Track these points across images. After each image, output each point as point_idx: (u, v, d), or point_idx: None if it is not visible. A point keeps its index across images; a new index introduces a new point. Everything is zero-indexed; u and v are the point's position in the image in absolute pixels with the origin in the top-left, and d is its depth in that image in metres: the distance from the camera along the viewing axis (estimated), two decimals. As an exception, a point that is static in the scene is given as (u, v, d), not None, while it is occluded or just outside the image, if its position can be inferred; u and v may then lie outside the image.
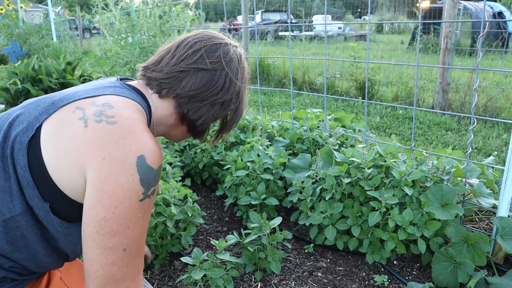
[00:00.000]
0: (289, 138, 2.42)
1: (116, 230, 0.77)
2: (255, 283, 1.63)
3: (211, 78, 0.96)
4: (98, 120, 0.80)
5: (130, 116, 0.84)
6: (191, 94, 0.96)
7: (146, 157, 0.79)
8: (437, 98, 4.67)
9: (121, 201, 0.76)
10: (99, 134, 0.78)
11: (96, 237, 0.76)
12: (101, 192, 0.76)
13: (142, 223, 0.81)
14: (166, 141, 2.51)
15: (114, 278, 0.79)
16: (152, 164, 0.80)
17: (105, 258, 0.77)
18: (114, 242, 0.77)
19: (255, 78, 6.94)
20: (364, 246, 1.73)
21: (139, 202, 0.79)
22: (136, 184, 0.77)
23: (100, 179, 0.76)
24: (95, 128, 0.79)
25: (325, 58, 2.34)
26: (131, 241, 0.79)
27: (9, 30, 6.39)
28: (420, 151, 2.23)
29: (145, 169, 0.79)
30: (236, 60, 1.01)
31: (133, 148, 0.78)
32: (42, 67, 3.71)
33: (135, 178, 0.77)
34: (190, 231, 1.77)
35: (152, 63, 1.00)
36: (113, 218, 0.76)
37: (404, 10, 15.75)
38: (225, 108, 1.01)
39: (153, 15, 3.82)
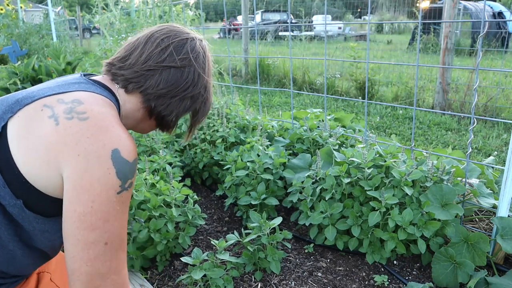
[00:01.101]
0: (289, 138, 2.42)
1: (95, 224, 0.77)
2: (255, 283, 1.63)
3: (180, 75, 0.97)
4: (69, 117, 0.80)
5: (101, 111, 0.84)
6: (162, 92, 0.97)
7: (121, 151, 0.80)
8: (437, 98, 4.67)
9: (98, 195, 0.77)
10: (72, 131, 0.78)
11: (76, 233, 0.77)
12: (78, 188, 0.76)
13: (121, 216, 0.81)
14: (166, 141, 2.51)
15: (99, 273, 0.78)
16: (127, 157, 0.81)
17: (88, 254, 0.77)
18: (95, 236, 0.77)
19: (255, 78, 6.95)
20: (364, 246, 1.73)
21: (117, 195, 0.79)
22: (113, 177, 0.78)
23: (77, 175, 0.76)
24: (66, 125, 0.79)
25: (325, 58, 2.34)
26: (111, 234, 0.79)
27: (9, 30, 6.39)
28: (420, 151, 2.23)
29: (120, 162, 0.79)
30: (202, 54, 1.01)
31: (107, 143, 0.79)
32: (42, 67, 3.71)
33: (111, 172, 0.78)
34: (188, 231, 1.77)
35: (119, 59, 0.99)
36: (91, 212, 0.76)
37: (404, 10, 15.75)
38: (195, 101, 1.02)
39: (153, 15, 3.82)
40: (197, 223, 1.83)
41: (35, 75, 3.71)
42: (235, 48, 11.51)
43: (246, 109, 2.66)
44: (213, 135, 2.46)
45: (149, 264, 1.74)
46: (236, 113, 2.59)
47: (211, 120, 2.54)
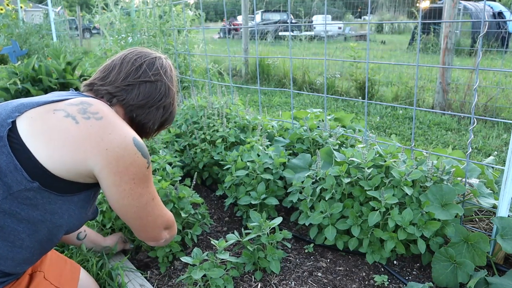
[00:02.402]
0: (289, 138, 2.42)
1: (142, 191, 1.04)
2: (255, 283, 1.63)
3: (155, 88, 1.16)
4: (86, 117, 0.94)
5: (109, 110, 1.01)
6: (141, 103, 1.14)
7: (136, 138, 1.00)
8: (437, 98, 4.67)
9: (135, 173, 0.99)
10: (93, 130, 0.93)
11: (132, 203, 1.03)
12: (118, 173, 0.96)
13: (150, 182, 1.08)
14: (166, 141, 2.51)
15: (160, 215, 1.17)
16: (141, 142, 1.02)
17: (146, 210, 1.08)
18: (145, 199, 1.06)
19: (255, 78, 6.94)
20: (364, 246, 1.73)
21: (147, 169, 1.04)
22: (141, 158, 1.00)
23: (112, 164, 0.94)
24: (87, 124, 0.93)
25: (325, 58, 2.34)
26: (152, 191, 1.10)
27: (9, 30, 6.39)
28: (420, 151, 2.23)
29: (141, 146, 1.01)
30: (169, 70, 1.22)
31: (126, 134, 0.98)
32: (42, 67, 3.71)
33: (138, 155, 0.99)
34: (196, 230, 1.78)
35: (99, 79, 1.15)
36: (136, 185, 1.01)
37: (404, 10, 15.74)
38: (167, 109, 1.21)
39: (153, 15, 3.82)
40: (204, 228, 1.85)
41: (35, 75, 3.71)
42: (235, 48, 11.51)
43: (246, 109, 2.66)
44: (213, 135, 2.46)
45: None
46: (236, 113, 2.59)
47: (211, 120, 2.54)
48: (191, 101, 2.80)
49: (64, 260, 1.25)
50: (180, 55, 3.76)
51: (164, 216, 1.20)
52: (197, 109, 2.66)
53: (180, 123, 2.68)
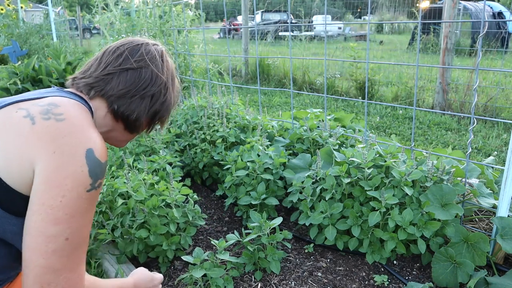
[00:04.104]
0: (289, 138, 2.42)
1: (60, 218, 0.79)
2: (255, 283, 1.63)
3: (138, 75, 1.03)
4: (46, 117, 0.84)
5: (77, 113, 0.89)
6: (122, 93, 1.01)
7: (95, 150, 0.84)
8: (437, 98, 4.67)
9: (69, 190, 0.79)
10: (49, 130, 0.82)
11: (40, 225, 0.78)
12: (50, 182, 0.79)
13: (86, 214, 0.83)
14: (166, 141, 2.51)
15: (53, 268, 0.79)
16: (100, 158, 0.85)
17: (46, 247, 0.78)
18: (57, 230, 0.78)
19: (255, 78, 6.95)
20: (364, 246, 1.73)
21: (86, 192, 0.82)
22: (85, 175, 0.81)
23: (50, 170, 0.79)
24: (44, 125, 0.82)
25: (325, 58, 2.34)
26: (74, 230, 0.81)
27: (9, 30, 6.39)
28: (420, 151, 2.23)
29: (94, 162, 0.83)
30: (158, 56, 1.07)
31: (82, 142, 0.83)
32: (42, 67, 3.72)
33: (84, 169, 0.81)
34: (189, 232, 1.78)
35: (80, 72, 1.06)
36: (59, 206, 0.78)
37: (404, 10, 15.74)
38: (155, 100, 1.06)
39: (153, 15, 3.82)
40: (197, 224, 1.83)
41: (35, 75, 3.72)
42: (235, 48, 11.51)
43: (246, 109, 2.66)
44: (213, 135, 2.46)
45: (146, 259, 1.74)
46: (236, 113, 2.59)
47: (211, 120, 2.54)
48: (191, 101, 2.80)
49: None
50: (180, 55, 3.76)
51: (72, 274, 0.82)
52: (197, 109, 2.66)
53: (180, 123, 2.68)
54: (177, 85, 1.15)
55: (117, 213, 1.69)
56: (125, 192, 1.77)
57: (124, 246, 1.68)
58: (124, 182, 1.75)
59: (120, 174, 1.88)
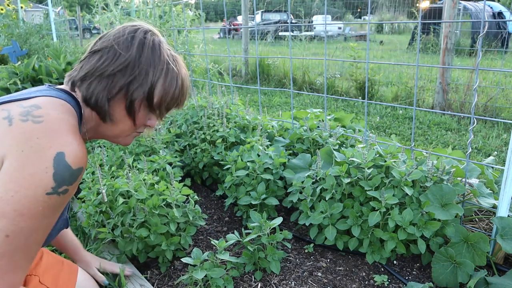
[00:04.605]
0: (289, 138, 2.42)
1: (6, 212, 0.74)
2: (255, 283, 1.63)
3: (99, 57, 0.96)
4: (24, 119, 0.81)
5: (58, 116, 0.86)
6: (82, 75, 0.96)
7: (66, 155, 0.80)
8: (437, 98, 4.67)
9: (26, 187, 0.75)
10: (23, 131, 0.79)
11: None
12: (8, 176, 0.75)
13: (40, 218, 0.78)
14: (166, 141, 2.51)
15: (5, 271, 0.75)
16: (71, 163, 0.80)
17: None
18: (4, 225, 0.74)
19: (255, 78, 6.95)
20: (364, 246, 1.73)
21: (45, 195, 0.77)
22: (48, 176, 0.77)
23: (13, 167, 0.76)
24: (20, 126, 0.80)
25: (325, 58, 2.35)
26: (19, 229, 0.75)
27: (9, 30, 6.39)
28: (420, 151, 2.23)
29: (62, 166, 0.79)
30: (128, 36, 0.97)
31: (54, 145, 0.79)
32: (42, 67, 3.72)
33: (48, 171, 0.77)
34: (189, 231, 1.78)
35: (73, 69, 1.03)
36: (9, 200, 0.74)
37: (404, 10, 15.75)
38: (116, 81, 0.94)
39: (153, 15, 3.82)
40: (198, 224, 1.83)
41: (35, 75, 3.72)
42: (235, 48, 11.51)
43: (246, 109, 2.66)
44: (213, 135, 2.46)
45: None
46: (236, 113, 2.59)
47: (211, 120, 2.54)
48: (191, 101, 2.80)
49: (60, 261, 1.23)
50: (180, 55, 3.76)
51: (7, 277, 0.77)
52: (197, 109, 2.66)
53: (180, 123, 2.68)
54: (166, 65, 1.00)
55: (117, 212, 1.69)
56: (126, 191, 1.77)
57: (124, 246, 1.68)
58: (126, 181, 1.75)
59: (120, 174, 1.88)
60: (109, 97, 0.95)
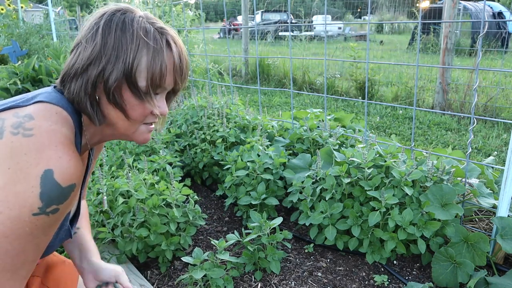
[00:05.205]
0: (289, 138, 2.42)
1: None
2: (255, 283, 1.63)
3: (74, 53, 0.89)
4: (15, 132, 0.77)
5: (50, 128, 0.80)
6: (61, 77, 0.90)
7: (55, 172, 0.75)
8: (437, 98, 4.67)
9: (10, 208, 0.71)
10: (12, 145, 0.75)
11: None
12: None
13: (28, 240, 0.74)
14: (166, 141, 2.51)
15: None
16: (60, 181, 0.75)
17: None
18: None
19: (255, 78, 6.94)
20: (364, 246, 1.73)
21: (32, 216, 0.72)
22: (34, 196, 0.72)
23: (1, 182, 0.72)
24: (9, 140, 0.76)
25: (325, 58, 2.35)
26: (3, 252, 0.72)
27: (9, 30, 6.39)
28: (420, 151, 2.23)
29: (50, 184, 0.74)
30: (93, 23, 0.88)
31: (42, 162, 0.74)
32: (42, 67, 3.72)
33: (34, 190, 0.73)
34: (189, 231, 1.78)
35: None
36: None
37: (404, 10, 15.75)
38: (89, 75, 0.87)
39: (153, 15, 3.83)
40: (198, 224, 1.83)
41: (35, 75, 3.72)
42: (235, 48, 11.51)
43: (246, 109, 2.66)
44: (213, 135, 2.46)
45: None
46: (236, 113, 2.59)
47: (211, 120, 2.54)
48: (191, 101, 2.80)
49: (62, 261, 1.23)
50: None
51: None
52: (197, 109, 2.66)
53: (180, 123, 2.68)
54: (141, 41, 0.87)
55: (117, 211, 1.69)
56: (126, 191, 1.77)
57: (124, 245, 1.68)
58: (126, 181, 1.75)
59: (120, 174, 1.88)
60: (88, 94, 0.87)
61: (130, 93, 0.87)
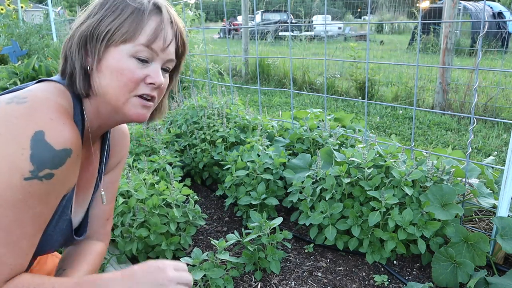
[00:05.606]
0: (289, 138, 2.42)
1: None
2: (255, 283, 1.63)
3: None
4: (9, 101, 0.75)
5: (44, 96, 0.78)
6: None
7: (46, 134, 0.71)
8: (437, 98, 4.67)
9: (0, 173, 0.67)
10: (5, 112, 0.73)
11: None
12: None
13: (24, 209, 0.70)
14: (166, 141, 2.51)
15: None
16: (53, 143, 0.71)
17: None
18: None
19: (255, 78, 6.94)
20: (364, 246, 1.73)
21: (23, 180, 0.68)
22: (24, 159, 0.68)
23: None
24: (3, 108, 0.74)
25: (325, 58, 2.35)
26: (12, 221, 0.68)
27: (9, 30, 6.39)
28: (420, 151, 2.23)
29: (41, 146, 0.70)
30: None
31: (32, 124, 0.71)
32: (42, 67, 3.72)
33: (24, 153, 0.69)
34: (189, 231, 1.78)
35: None
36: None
37: (404, 10, 15.75)
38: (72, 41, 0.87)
39: (153, 15, 3.82)
40: (198, 224, 1.83)
41: (35, 75, 3.72)
42: (235, 48, 11.51)
43: (246, 109, 2.66)
44: (213, 135, 2.46)
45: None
46: (236, 113, 2.59)
47: (211, 120, 2.54)
48: (191, 101, 2.80)
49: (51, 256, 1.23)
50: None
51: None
52: (197, 109, 2.66)
53: (180, 123, 2.68)
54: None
55: (117, 212, 1.69)
56: (126, 191, 1.77)
57: (124, 246, 1.68)
58: (126, 181, 1.75)
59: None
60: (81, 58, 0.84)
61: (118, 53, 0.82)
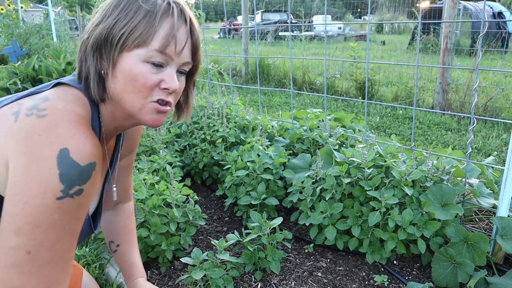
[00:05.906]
0: (289, 138, 2.42)
1: (22, 228, 0.68)
2: (255, 283, 1.63)
3: None
4: (29, 114, 0.74)
5: (64, 108, 0.78)
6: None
7: (71, 151, 0.71)
8: (437, 98, 4.67)
9: (33, 197, 0.68)
10: (26, 127, 0.72)
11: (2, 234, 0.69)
12: (15, 187, 0.69)
13: (59, 226, 0.71)
14: (166, 141, 2.51)
15: (11, 284, 0.68)
16: (78, 159, 0.71)
17: (5, 259, 0.68)
18: (17, 241, 0.68)
19: (255, 78, 6.95)
20: (364, 246, 1.73)
21: (56, 200, 0.69)
22: (54, 179, 0.69)
23: (17, 173, 0.69)
24: (23, 121, 0.73)
25: (325, 58, 2.35)
26: (39, 244, 0.69)
27: (9, 30, 6.39)
28: (420, 151, 2.23)
29: (67, 164, 0.70)
30: None
31: (56, 141, 0.71)
32: (42, 67, 3.72)
33: (53, 173, 0.69)
34: (189, 231, 1.78)
35: None
36: (20, 214, 0.68)
37: (404, 10, 15.75)
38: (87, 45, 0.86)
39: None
40: (198, 224, 1.83)
41: (35, 75, 3.72)
42: (235, 48, 11.51)
43: (246, 109, 2.66)
44: (213, 135, 2.46)
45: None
46: (236, 113, 2.59)
47: (211, 120, 2.54)
48: (191, 101, 2.80)
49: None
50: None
51: None
52: (197, 109, 2.66)
53: (180, 123, 2.68)
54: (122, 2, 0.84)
55: (117, 213, 1.69)
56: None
57: (124, 246, 1.68)
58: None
59: (120, 174, 1.88)
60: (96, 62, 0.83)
61: (131, 58, 0.82)
